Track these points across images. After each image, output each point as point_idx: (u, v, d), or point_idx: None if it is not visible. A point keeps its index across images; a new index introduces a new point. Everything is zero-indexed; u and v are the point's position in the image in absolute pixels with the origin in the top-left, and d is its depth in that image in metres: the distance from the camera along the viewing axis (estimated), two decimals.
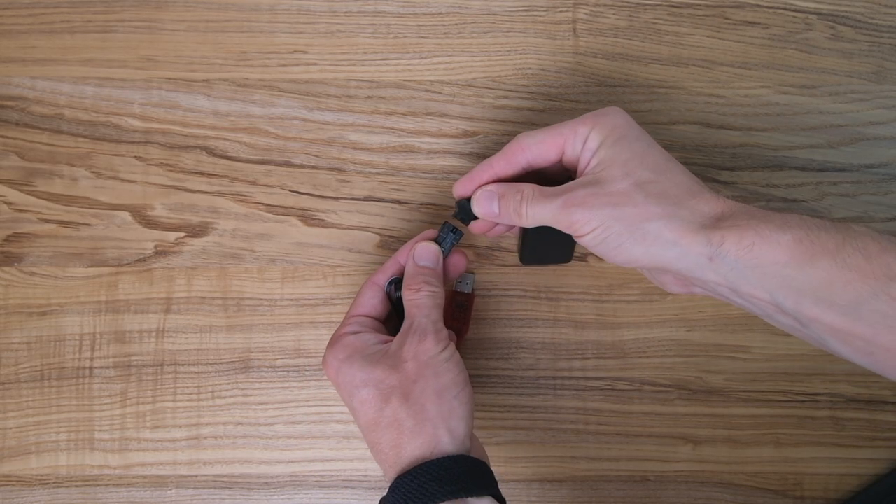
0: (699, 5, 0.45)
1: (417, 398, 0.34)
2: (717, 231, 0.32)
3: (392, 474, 0.33)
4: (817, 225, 0.31)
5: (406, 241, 0.40)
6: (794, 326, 0.33)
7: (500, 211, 0.36)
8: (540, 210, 0.34)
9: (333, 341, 0.37)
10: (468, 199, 0.37)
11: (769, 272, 0.31)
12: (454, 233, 0.39)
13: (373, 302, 0.38)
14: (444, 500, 0.32)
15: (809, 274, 0.30)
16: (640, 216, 0.33)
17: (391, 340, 0.36)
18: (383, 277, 0.39)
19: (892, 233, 0.44)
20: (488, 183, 0.37)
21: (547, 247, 0.41)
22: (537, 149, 0.35)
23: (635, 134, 0.34)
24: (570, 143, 0.35)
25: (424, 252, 0.38)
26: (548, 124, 0.44)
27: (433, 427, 0.33)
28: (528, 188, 0.35)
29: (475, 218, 0.38)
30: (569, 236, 0.35)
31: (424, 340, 0.35)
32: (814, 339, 0.33)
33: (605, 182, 0.33)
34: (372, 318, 0.38)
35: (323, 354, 0.39)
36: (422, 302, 0.37)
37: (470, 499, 0.32)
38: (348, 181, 0.45)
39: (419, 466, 0.32)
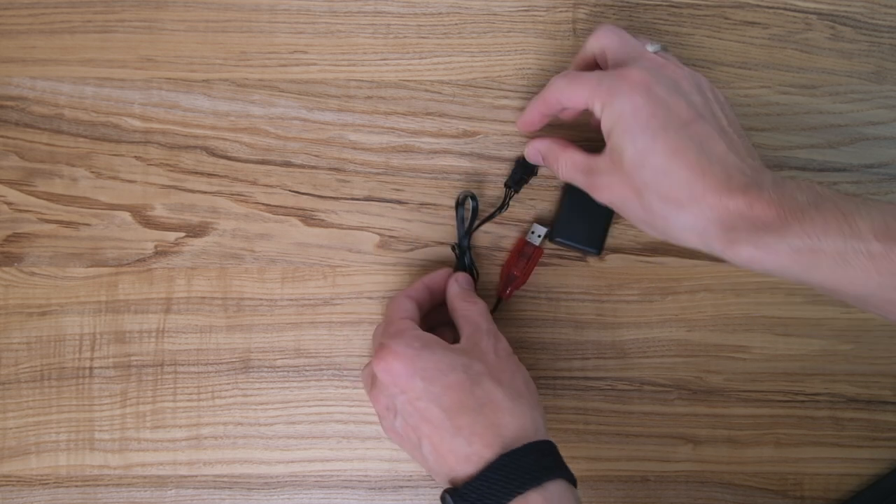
0: (699, 5, 0.46)
1: (510, 382, 0.35)
2: (718, 242, 0.33)
3: (490, 453, 0.33)
4: (819, 228, 0.31)
5: (407, 243, 0.40)
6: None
7: (545, 163, 0.42)
8: (572, 176, 0.39)
9: (397, 333, 0.36)
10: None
11: (777, 272, 0.33)
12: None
13: (412, 311, 0.39)
14: (557, 479, 0.33)
15: (814, 274, 0.32)
16: (644, 212, 0.35)
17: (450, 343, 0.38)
18: (414, 293, 0.40)
19: None
20: (537, 137, 0.42)
21: (581, 224, 0.43)
22: (566, 97, 0.38)
23: (641, 127, 0.34)
24: (590, 107, 0.37)
25: (465, 279, 0.42)
26: (547, 125, 0.45)
27: (530, 409, 0.35)
28: (563, 157, 0.39)
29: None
30: (603, 217, 0.42)
31: (500, 340, 0.38)
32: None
33: (616, 173, 0.36)
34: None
35: (374, 347, 0.38)
36: (483, 309, 0.39)
37: (562, 481, 0.33)
38: (348, 181, 0.45)
39: (532, 444, 0.33)
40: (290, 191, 0.45)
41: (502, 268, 0.44)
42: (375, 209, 0.45)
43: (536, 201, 0.45)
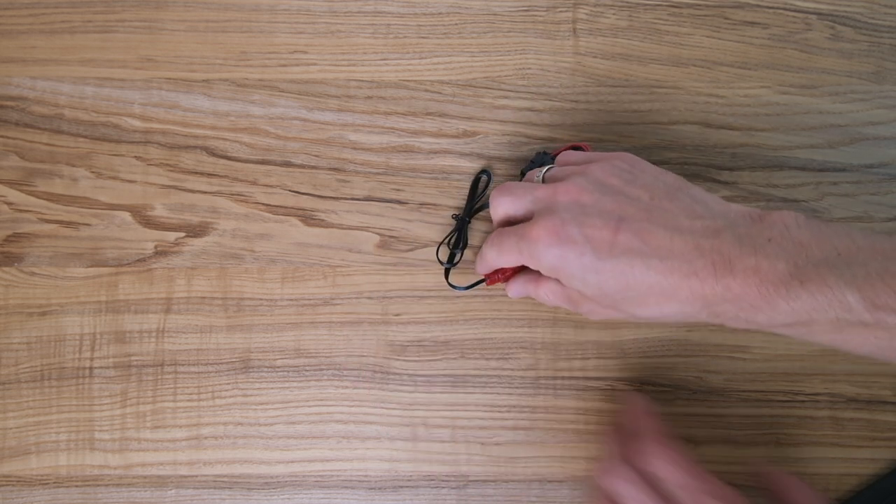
0: (699, 5, 0.46)
1: None
2: (711, 317, 0.33)
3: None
4: (808, 306, 0.30)
5: (407, 243, 0.40)
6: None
7: (530, 295, 0.40)
8: (558, 303, 0.39)
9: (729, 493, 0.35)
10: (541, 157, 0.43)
11: (775, 330, 0.32)
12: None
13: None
14: None
15: (813, 339, 0.31)
16: (627, 315, 0.36)
17: None
18: None
19: (892, 232, 0.44)
20: (511, 280, 0.41)
21: None
22: (505, 263, 0.39)
23: (576, 268, 0.34)
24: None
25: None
26: (547, 125, 0.45)
27: None
28: (542, 290, 0.39)
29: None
30: None
31: None
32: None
33: (589, 301, 0.36)
34: None
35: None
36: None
37: None
38: (348, 181, 0.45)
39: None
40: (290, 191, 0.45)
41: None
42: (375, 209, 0.45)
43: None
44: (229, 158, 0.45)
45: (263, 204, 0.45)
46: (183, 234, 0.44)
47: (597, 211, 0.34)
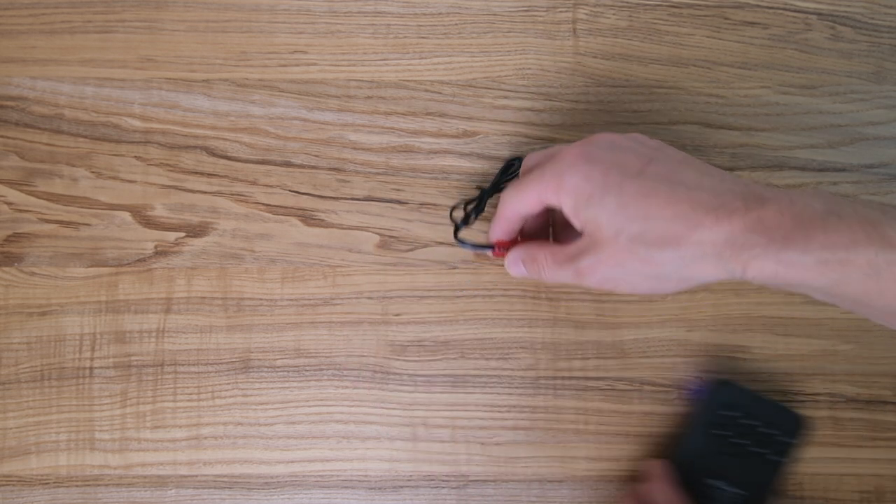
0: (699, 5, 0.46)
1: None
2: (736, 262, 0.30)
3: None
4: (846, 238, 0.28)
5: (407, 243, 0.40)
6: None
7: (529, 272, 0.39)
8: (557, 275, 0.36)
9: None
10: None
11: (801, 286, 0.30)
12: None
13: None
14: None
15: (842, 286, 0.29)
16: (650, 266, 0.32)
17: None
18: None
19: None
20: (511, 250, 0.39)
21: None
22: (522, 207, 0.37)
23: (599, 186, 0.33)
24: (546, 204, 0.36)
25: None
26: (548, 125, 0.45)
27: None
28: (541, 255, 0.37)
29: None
30: None
31: None
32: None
33: (602, 246, 0.33)
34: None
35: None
36: None
37: None
38: (348, 181, 0.45)
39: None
40: (290, 191, 0.45)
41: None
42: (375, 209, 0.45)
43: None
44: (229, 158, 0.45)
45: (263, 204, 0.45)
46: (183, 234, 0.44)
47: (631, 151, 0.34)
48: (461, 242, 0.42)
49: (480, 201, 0.43)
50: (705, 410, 0.41)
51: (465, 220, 0.43)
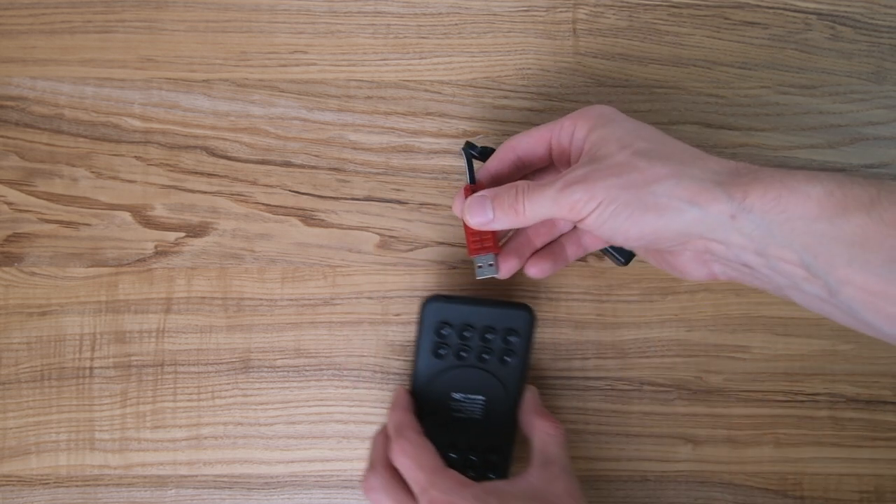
0: (699, 5, 0.46)
1: None
2: (737, 186, 0.29)
3: None
4: (849, 179, 0.28)
5: (407, 243, 0.40)
6: (821, 296, 0.30)
7: (496, 214, 0.34)
8: (538, 200, 0.33)
9: (457, 485, 0.33)
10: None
11: (799, 227, 0.28)
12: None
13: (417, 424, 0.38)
14: None
15: (843, 229, 0.28)
16: (646, 180, 0.30)
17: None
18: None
19: None
20: (476, 193, 0.35)
21: None
22: (525, 143, 0.36)
23: (623, 117, 0.34)
24: (556, 136, 0.35)
25: (538, 393, 0.41)
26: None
27: None
28: (521, 182, 0.34)
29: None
30: None
31: (574, 479, 0.36)
32: (841, 310, 0.30)
33: (603, 158, 0.31)
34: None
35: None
36: (564, 437, 0.37)
37: None
38: (348, 181, 0.45)
39: None
40: (290, 191, 0.45)
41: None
42: (375, 209, 0.45)
43: None
44: (229, 158, 0.45)
45: (263, 204, 0.45)
46: (183, 234, 0.44)
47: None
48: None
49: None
50: (425, 331, 0.40)
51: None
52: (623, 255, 0.41)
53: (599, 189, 0.31)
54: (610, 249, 0.42)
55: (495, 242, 0.37)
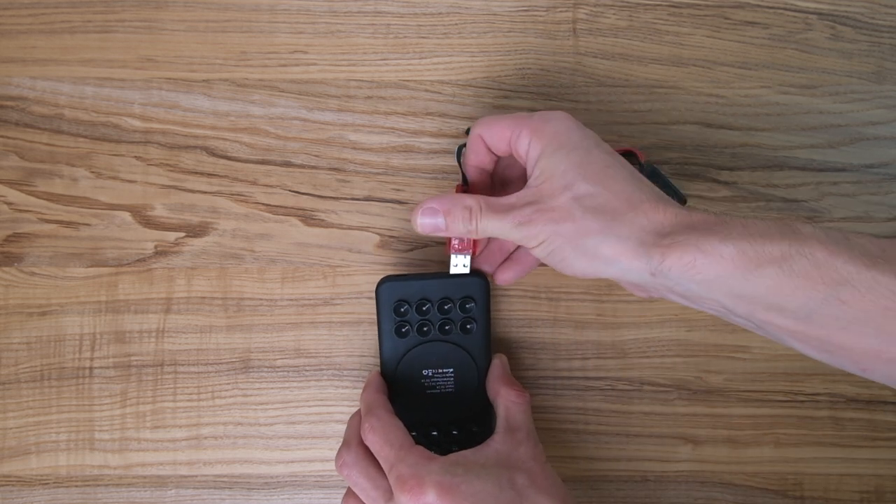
0: (699, 5, 0.45)
1: (556, 492, 0.35)
2: (657, 248, 0.32)
3: None
4: (762, 232, 0.30)
5: (407, 244, 0.40)
6: (751, 327, 0.33)
7: (448, 225, 0.36)
8: (492, 224, 0.35)
9: (424, 459, 0.34)
10: None
11: (715, 284, 0.31)
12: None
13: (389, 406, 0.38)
14: None
15: (756, 283, 0.30)
16: (578, 232, 0.33)
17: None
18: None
19: (892, 233, 0.44)
20: (426, 200, 0.37)
21: None
22: (489, 136, 0.37)
23: (574, 141, 0.34)
24: (514, 144, 0.36)
25: (506, 361, 0.42)
26: None
27: None
28: (474, 201, 0.35)
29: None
30: None
31: (538, 445, 0.37)
32: (772, 338, 0.33)
33: (545, 198, 0.34)
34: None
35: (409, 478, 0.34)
36: (529, 405, 0.39)
37: None
38: (348, 181, 0.45)
39: None
40: (290, 191, 0.45)
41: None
42: (375, 209, 0.45)
43: None
44: (229, 158, 0.45)
45: (263, 204, 0.45)
46: (183, 234, 0.44)
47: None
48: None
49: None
50: (384, 312, 0.40)
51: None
52: None
53: (541, 231, 0.34)
54: None
55: (472, 245, 0.39)
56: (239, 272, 0.44)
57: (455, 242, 0.39)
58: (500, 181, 0.41)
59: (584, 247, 0.33)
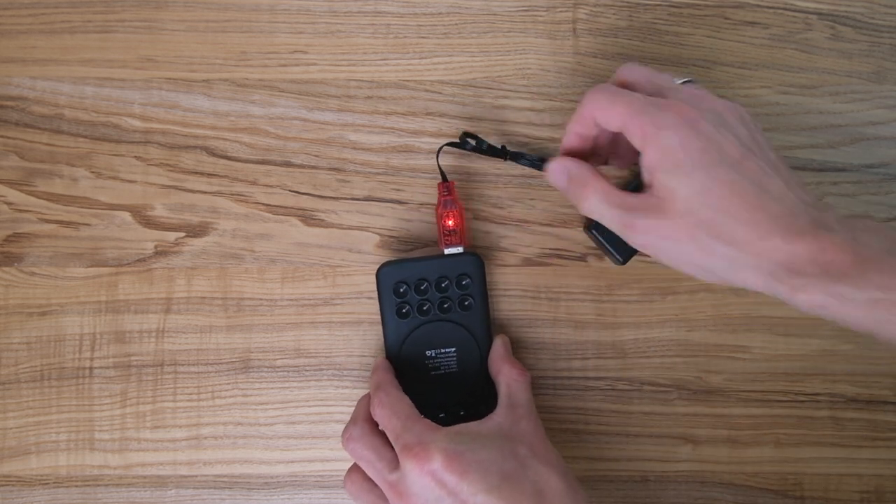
0: (699, 5, 0.45)
1: (557, 462, 0.35)
2: (787, 285, 0.31)
3: None
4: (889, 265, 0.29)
5: (407, 244, 0.40)
6: None
7: (569, 190, 0.36)
8: (601, 211, 0.35)
9: (429, 429, 0.35)
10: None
11: (849, 321, 0.30)
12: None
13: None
14: None
15: (889, 329, 0.29)
16: (703, 255, 0.32)
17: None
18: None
19: None
20: (570, 153, 0.37)
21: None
22: (602, 114, 0.35)
23: (693, 160, 0.32)
24: (625, 133, 0.34)
25: (509, 342, 0.43)
26: (548, 125, 0.45)
27: (579, 485, 0.35)
28: (593, 185, 0.35)
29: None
30: None
31: (539, 421, 0.38)
32: None
33: (666, 215, 0.32)
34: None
35: (412, 449, 0.34)
36: (529, 383, 0.40)
37: None
38: (348, 181, 0.45)
39: None
40: (290, 191, 0.45)
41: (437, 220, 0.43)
42: (375, 209, 0.45)
43: (536, 201, 0.45)
44: (229, 158, 0.45)
45: (263, 204, 0.45)
46: (183, 234, 0.44)
47: (733, 134, 0.33)
48: (520, 157, 0.41)
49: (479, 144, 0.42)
50: (385, 295, 0.42)
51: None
52: (621, 254, 0.42)
53: (658, 248, 0.33)
54: (609, 248, 0.42)
55: (462, 239, 0.42)
56: (239, 272, 0.44)
57: (446, 236, 0.42)
58: (607, 145, 0.39)
59: (706, 267, 0.33)
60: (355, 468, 0.38)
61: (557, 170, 0.37)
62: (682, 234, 0.32)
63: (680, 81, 0.37)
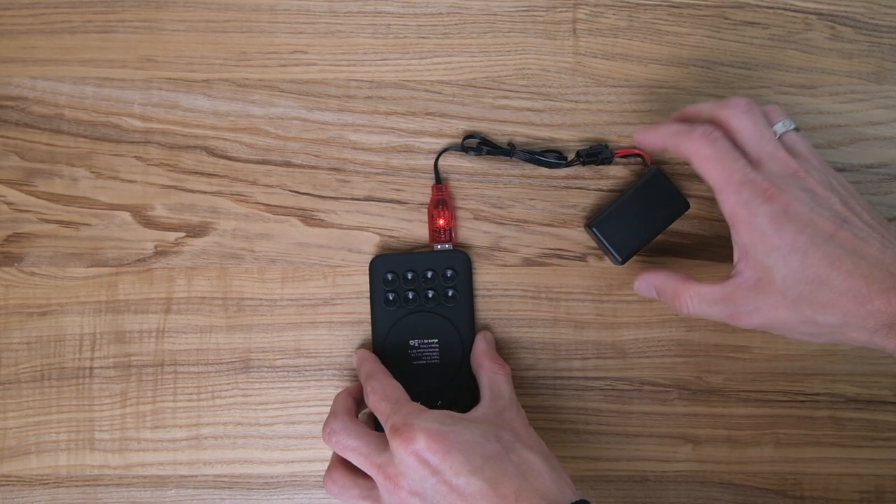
0: (699, 5, 0.46)
1: (540, 448, 0.36)
2: (887, 339, 0.32)
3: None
4: None
5: (407, 244, 0.40)
6: None
7: (661, 299, 0.39)
8: (703, 312, 0.37)
9: (417, 411, 0.35)
10: None
11: None
12: None
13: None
14: None
15: None
16: (806, 326, 0.34)
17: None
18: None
19: None
20: (650, 270, 0.40)
21: (625, 228, 0.42)
22: (697, 163, 0.36)
23: (788, 247, 0.33)
24: (718, 202, 0.35)
25: (492, 338, 0.44)
26: (548, 125, 0.45)
27: (562, 472, 0.35)
28: (687, 290, 0.37)
29: None
30: (648, 234, 0.42)
31: (522, 412, 0.39)
32: None
33: (766, 294, 0.34)
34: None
35: (398, 427, 0.35)
36: (510, 376, 0.41)
37: None
38: (348, 181, 0.45)
39: (578, 502, 0.33)
40: (290, 191, 0.45)
41: (429, 221, 0.44)
42: (375, 209, 0.45)
43: (536, 201, 0.45)
44: (229, 158, 0.45)
45: (263, 204, 0.45)
46: (183, 234, 0.44)
47: (825, 207, 0.34)
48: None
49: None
50: (375, 285, 0.43)
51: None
52: (621, 254, 0.42)
53: (764, 324, 0.35)
54: (609, 247, 0.42)
55: (451, 237, 0.43)
56: (239, 272, 0.44)
57: (435, 233, 0.43)
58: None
59: (813, 333, 0.35)
60: (334, 467, 0.38)
61: (644, 287, 0.40)
62: (784, 309, 0.34)
63: (782, 128, 0.37)
